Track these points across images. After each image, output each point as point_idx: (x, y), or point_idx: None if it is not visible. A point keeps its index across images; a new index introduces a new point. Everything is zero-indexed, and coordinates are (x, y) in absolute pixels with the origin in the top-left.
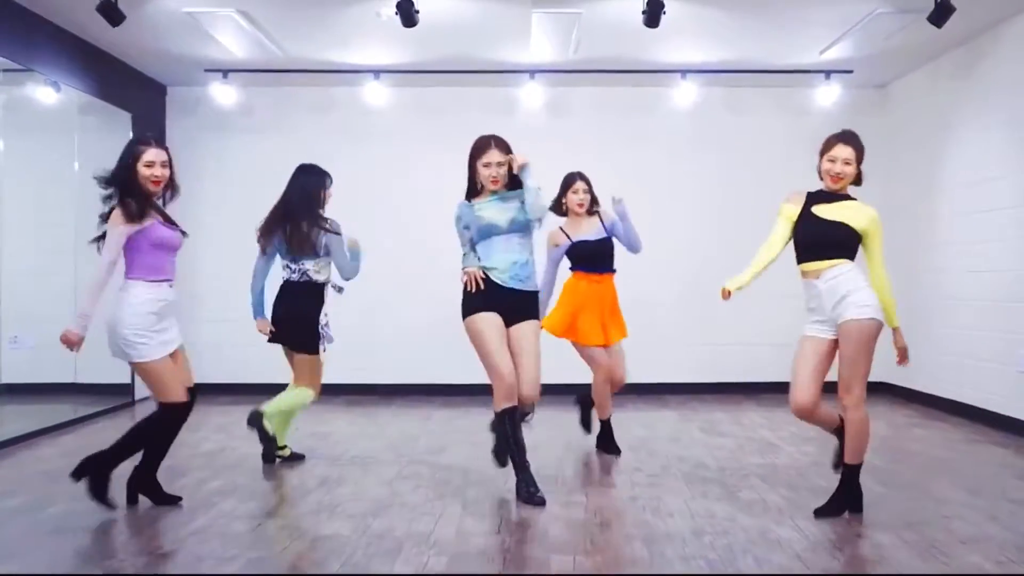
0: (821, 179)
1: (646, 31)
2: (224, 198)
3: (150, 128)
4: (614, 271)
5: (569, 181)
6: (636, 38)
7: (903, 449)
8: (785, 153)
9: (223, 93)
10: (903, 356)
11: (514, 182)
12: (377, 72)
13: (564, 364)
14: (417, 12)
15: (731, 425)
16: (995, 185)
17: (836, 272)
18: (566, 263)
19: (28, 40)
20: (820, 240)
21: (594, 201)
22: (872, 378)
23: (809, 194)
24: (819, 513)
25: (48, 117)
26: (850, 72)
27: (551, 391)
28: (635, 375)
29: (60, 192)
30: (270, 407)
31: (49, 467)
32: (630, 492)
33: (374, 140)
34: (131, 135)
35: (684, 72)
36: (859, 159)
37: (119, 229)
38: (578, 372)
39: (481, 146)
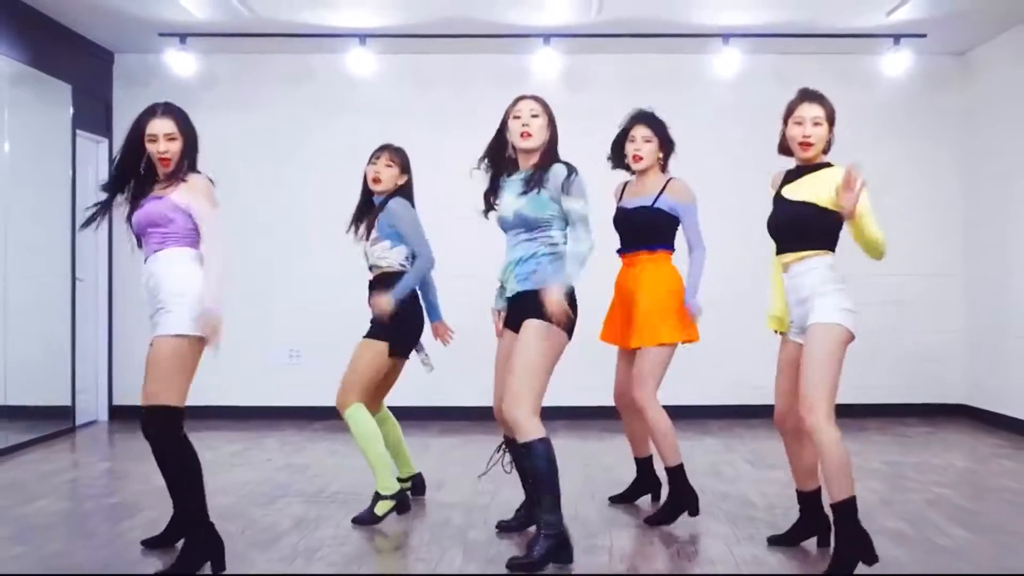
0: (784, 152)
1: None
2: None
3: (93, 103)
4: (656, 248)
5: (626, 127)
6: None
7: (989, 485)
8: (846, 133)
9: (180, 61)
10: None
11: (545, 159)
12: (363, 36)
13: (581, 383)
14: None
15: (783, 456)
16: None
17: (803, 268)
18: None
19: None
20: (784, 227)
21: (666, 154)
22: (949, 400)
23: (787, 172)
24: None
25: None
26: (923, 36)
27: (567, 415)
28: (668, 395)
29: None
30: (375, 472)
31: None
32: (662, 535)
33: (359, 116)
34: (71, 111)
35: (727, 36)
36: (830, 119)
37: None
38: (600, 393)
39: (515, 101)
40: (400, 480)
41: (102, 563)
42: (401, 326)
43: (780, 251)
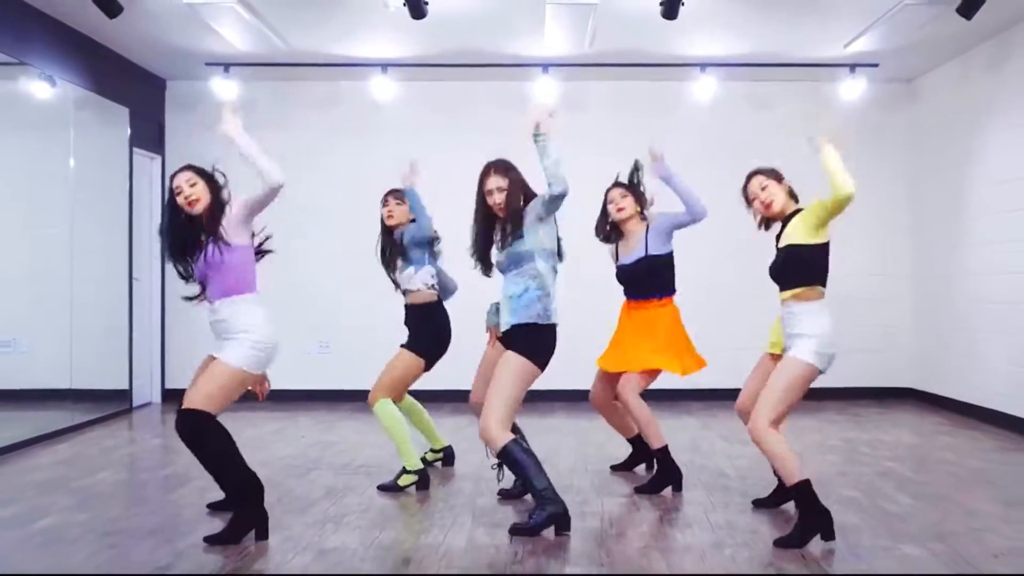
0: (761, 226)
1: (664, 23)
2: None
3: (148, 124)
4: (662, 296)
5: (605, 199)
6: (654, 30)
7: (932, 459)
8: (808, 150)
9: (224, 87)
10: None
11: (518, 213)
12: (384, 65)
13: (579, 369)
14: (426, 3)
15: None
16: None
17: (797, 309)
18: None
19: (22, 32)
20: (777, 270)
21: (639, 203)
22: (897, 383)
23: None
24: (777, 543)
25: (42, 112)
26: (876, 65)
27: (563, 397)
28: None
29: (55, 191)
30: (402, 452)
31: (43, 477)
32: (647, 502)
33: (381, 136)
34: (128, 131)
35: (704, 65)
36: (776, 177)
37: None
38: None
39: (483, 174)
40: (433, 451)
41: (156, 526)
42: (435, 343)
43: (779, 289)
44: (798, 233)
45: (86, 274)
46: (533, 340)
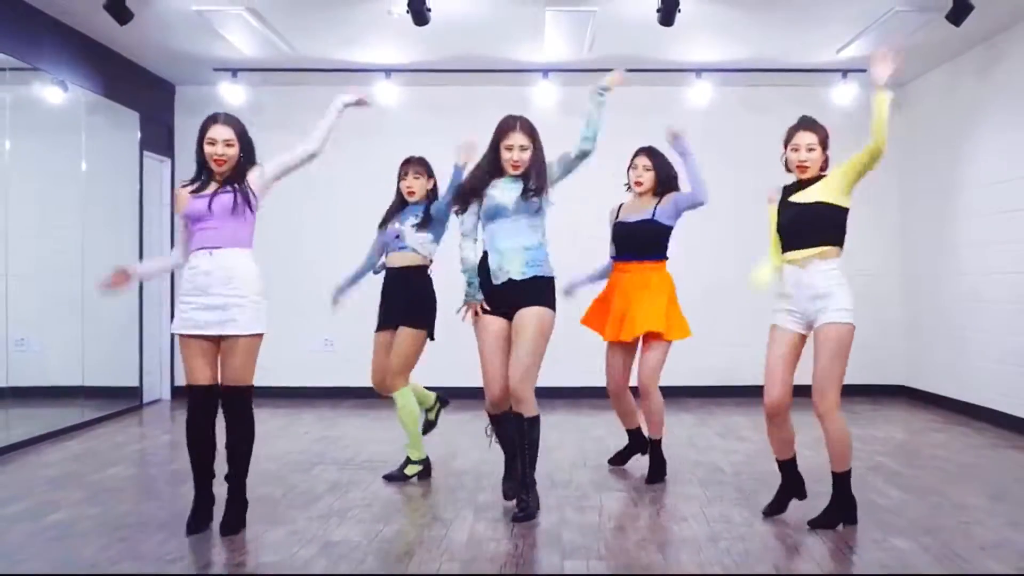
0: (789, 171)
1: (661, 29)
2: None
3: (157, 128)
4: (655, 259)
5: (632, 157)
6: (651, 36)
7: (923, 454)
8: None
9: (232, 92)
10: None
11: (528, 176)
12: (388, 71)
13: (579, 365)
14: (429, 10)
15: (749, 430)
16: (1017, 184)
17: (823, 266)
18: None
19: (35, 39)
20: (800, 224)
21: (661, 184)
22: (890, 381)
23: (785, 187)
24: (813, 524)
25: (55, 116)
26: (867, 71)
27: (564, 395)
28: None
29: (67, 192)
30: (411, 442)
31: (54, 472)
32: (645, 497)
33: (384, 139)
34: (138, 135)
35: (699, 71)
36: (823, 143)
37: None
38: (594, 375)
39: (505, 127)
40: (427, 410)
41: (165, 520)
42: (432, 313)
43: (793, 247)
44: (831, 191)
45: (97, 274)
46: (552, 293)
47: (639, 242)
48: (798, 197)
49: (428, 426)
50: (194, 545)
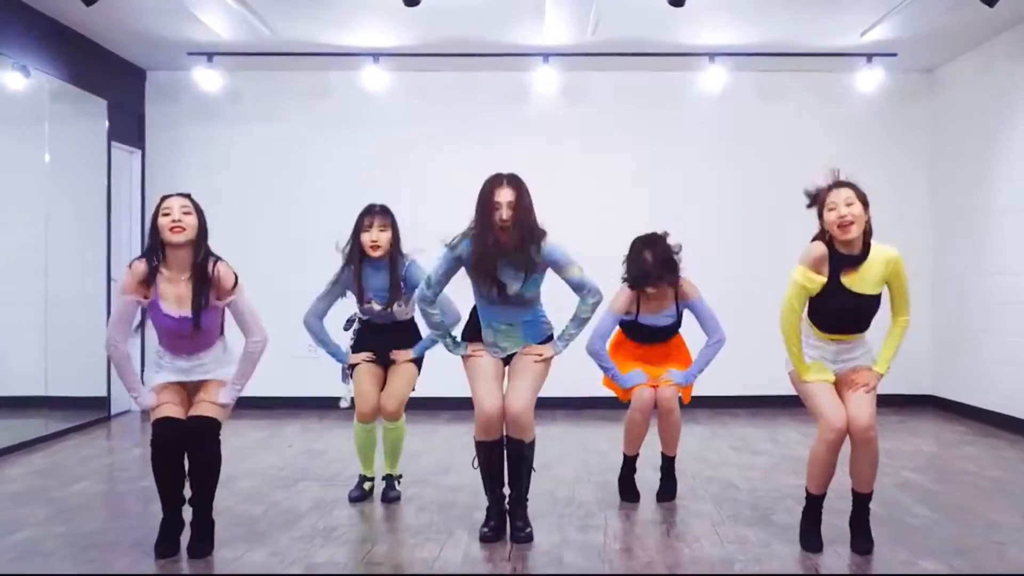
0: (830, 236)
1: (671, 10)
2: (209, 192)
3: (127, 117)
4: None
5: (637, 255)
6: (660, 18)
7: (952, 469)
8: (823, 144)
9: (208, 78)
10: (867, 383)
11: (523, 241)
12: (376, 55)
13: (580, 377)
14: None
15: (765, 443)
16: None
17: (858, 344)
18: None
19: None
20: (852, 317)
21: (670, 270)
22: (916, 391)
23: (831, 257)
24: (865, 552)
25: (16, 104)
26: (894, 55)
27: (568, 404)
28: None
29: (29, 186)
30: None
31: (17, 488)
32: (653, 515)
33: (373, 129)
34: (106, 124)
35: (712, 55)
36: (862, 199)
37: (119, 295)
38: (595, 385)
39: (494, 184)
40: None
41: (136, 540)
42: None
43: (836, 331)
44: (876, 284)
45: (61, 274)
46: (552, 338)
47: (663, 334)
48: (852, 282)
49: (361, 495)
50: (167, 567)
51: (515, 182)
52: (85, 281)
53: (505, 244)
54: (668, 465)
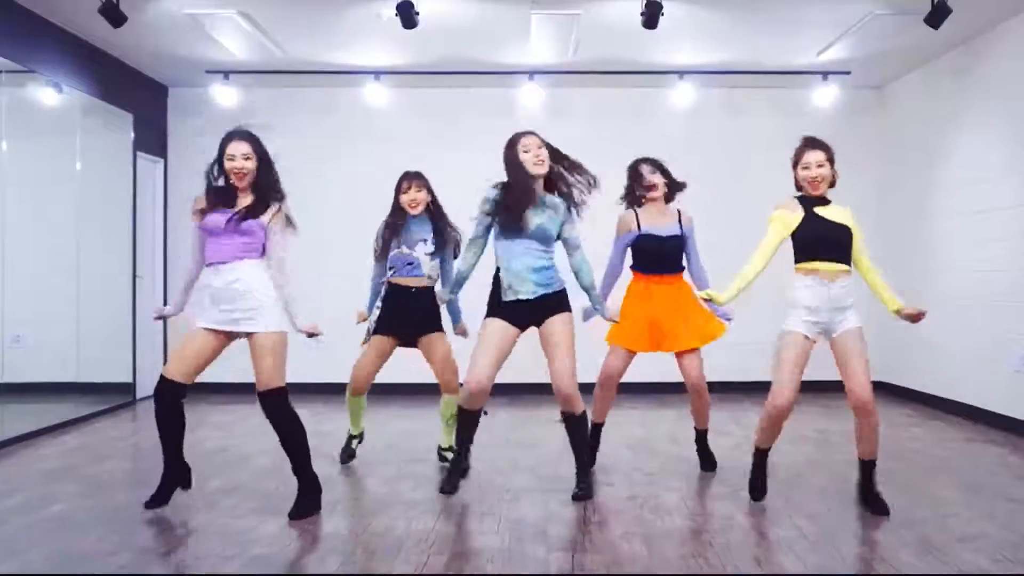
0: (800, 189)
1: (644, 32)
2: None
3: (151, 130)
4: (682, 271)
5: (634, 167)
6: (634, 39)
7: (901, 448)
8: (782, 154)
9: (224, 94)
10: (918, 315)
11: (548, 185)
12: (377, 73)
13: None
14: (417, 14)
15: (730, 424)
16: (992, 185)
17: (846, 282)
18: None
19: (30, 41)
20: (833, 241)
21: (672, 187)
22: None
23: (801, 199)
24: (882, 513)
25: (50, 118)
26: (847, 73)
27: (549, 390)
28: (633, 375)
29: (62, 193)
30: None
31: (50, 466)
32: (629, 491)
33: (375, 141)
34: (132, 136)
35: (682, 73)
36: (831, 160)
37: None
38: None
39: (517, 136)
40: (354, 437)
41: (160, 512)
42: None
43: (827, 259)
44: (850, 223)
45: (91, 272)
46: (567, 300)
47: (671, 256)
48: (825, 213)
49: (349, 456)
50: (189, 536)
51: (541, 137)
52: (113, 278)
53: (536, 179)
54: (703, 439)
